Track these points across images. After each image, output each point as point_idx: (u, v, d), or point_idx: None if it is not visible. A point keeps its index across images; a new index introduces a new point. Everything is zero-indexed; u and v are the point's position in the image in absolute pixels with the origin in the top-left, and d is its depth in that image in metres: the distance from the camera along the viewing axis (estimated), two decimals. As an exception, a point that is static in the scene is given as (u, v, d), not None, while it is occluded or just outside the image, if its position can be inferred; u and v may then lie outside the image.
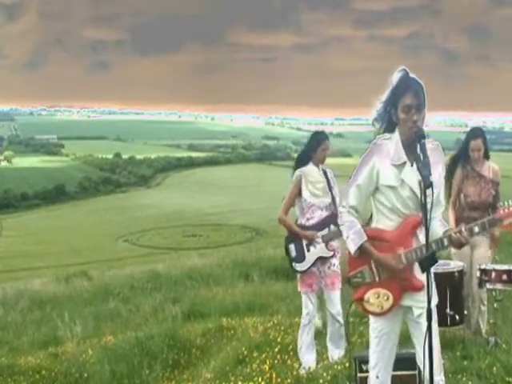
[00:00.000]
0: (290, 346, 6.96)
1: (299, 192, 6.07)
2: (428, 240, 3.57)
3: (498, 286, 5.99)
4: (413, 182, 3.66)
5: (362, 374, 4.93)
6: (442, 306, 5.79)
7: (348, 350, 6.03)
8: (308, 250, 6.01)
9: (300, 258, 6.03)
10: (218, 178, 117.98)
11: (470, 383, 5.12)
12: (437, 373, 3.65)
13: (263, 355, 6.92)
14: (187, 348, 8.61)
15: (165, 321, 10.47)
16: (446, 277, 5.90)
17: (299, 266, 6.05)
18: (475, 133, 6.34)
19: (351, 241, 3.76)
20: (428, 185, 3.53)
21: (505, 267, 6.02)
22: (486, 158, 6.34)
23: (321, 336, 6.35)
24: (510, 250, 10.32)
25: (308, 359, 6.13)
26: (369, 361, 3.94)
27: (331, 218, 5.96)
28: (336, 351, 6.17)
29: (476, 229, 3.68)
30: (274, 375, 6.10)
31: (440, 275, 5.72)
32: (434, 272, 3.90)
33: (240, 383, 6.30)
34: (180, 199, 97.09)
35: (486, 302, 6.32)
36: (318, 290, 6.12)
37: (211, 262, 17.12)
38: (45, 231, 79.43)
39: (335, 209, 6.01)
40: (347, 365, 5.67)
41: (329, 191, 6.06)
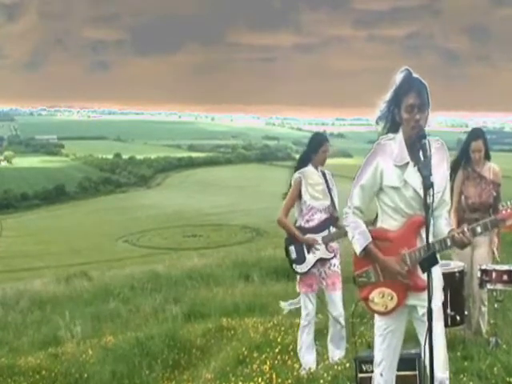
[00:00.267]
0: (291, 347, 6.95)
1: (299, 194, 6.06)
2: (429, 240, 3.57)
3: (499, 287, 5.99)
4: (416, 182, 3.66)
5: (362, 375, 4.94)
6: (442, 306, 5.78)
7: (349, 351, 6.03)
8: (308, 251, 6.00)
9: (300, 259, 6.02)
10: (219, 179, 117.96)
11: (471, 383, 5.12)
12: (442, 370, 3.66)
13: (263, 355, 6.91)
14: (187, 348, 8.61)
15: (165, 321, 10.47)
16: (446, 277, 5.80)
17: (299, 268, 6.04)
18: (476, 134, 6.32)
19: (356, 241, 3.77)
20: (428, 185, 3.53)
21: (505, 267, 6.02)
22: (487, 158, 6.33)
23: (321, 336, 6.33)
24: (511, 250, 10.30)
25: (308, 360, 6.13)
26: (374, 359, 3.94)
27: (330, 220, 5.99)
28: (337, 352, 6.16)
29: (479, 229, 3.69)
30: (275, 376, 6.09)
31: (440, 275, 5.72)
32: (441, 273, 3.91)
33: (240, 383, 6.29)
34: (180, 199, 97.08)
35: (486, 303, 6.31)
36: (318, 290, 6.11)
37: (211, 263, 17.12)
38: (45, 231, 79.42)
39: (334, 211, 6.01)
40: (347, 365, 5.68)
41: (328, 193, 6.05)
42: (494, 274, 5.96)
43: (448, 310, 5.86)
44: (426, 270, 3.57)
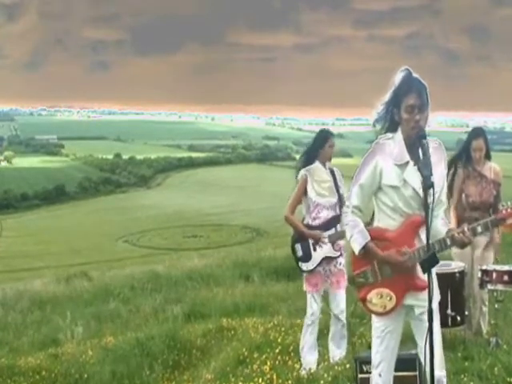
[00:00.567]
0: (291, 347, 6.95)
1: (305, 191, 6.05)
2: (429, 240, 3.56)
3: (499, 287, 5.98)
4: (415, 181, 3.66)
5: (362, 375, 4.93)
6: (442, 306, 5.76)
7: (349, 351, 6.02)
8: (314, 249, 5.98)
9: (306, 257, 6.01)
10: (219, 179, 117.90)
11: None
12: (440, 368, 3.67)
13: (264, 356, 6.91)
14: (187, 349, 8.61)
15: (165, 321, 10.46)
16: (447, 277, 5.89)
17: (305, 266, 6.03)
18: (477, 132, 6.31)
19: (355, 240, 3.76)
20: (429, 185, 3.53)
21: (506, 268, 6.01)
22: (488, 158, 6.32)
23: (322, 336, 6.32)
24: (511, 251, 10.30)
25: (309, 360, 6.11)
26: (371, 360, 3.93)
27: (337, 218, 5.88)
28: (337, 351, 6.14)
29: (479, 229, 3.69)
30: (275, 376, 6.09)
31: (441, 276, 5.68)
32: (436, 272, 3.89)
33: (240, 384, 6.29)
34: (180, 200, 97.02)
35: (487, 303, 6.31)
36: (323, 289, 6.08)
37: (211, 263, 17.11)
38: (45, 231, 79.38)
39: (342, 209, 5.98)
40: (348, 366, 5.67)
41: (335, 191, 6.01)
42: (494, 275, 5.95)
43: (448, 311, 5.86)
44: (426, 270, 3.57)
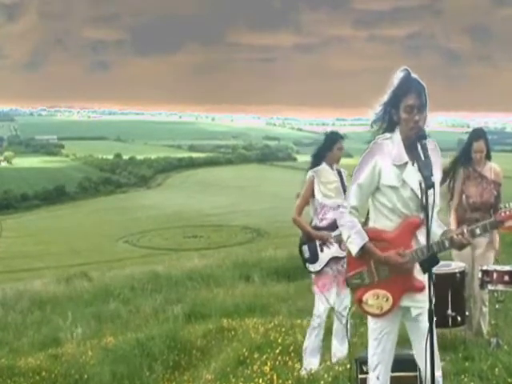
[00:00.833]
0: (291, 348, 6.95)
1: (312, 192, 6.06)
2: (429, 241, 3.56)
3: (500, 287, 5.97)
4: (414, 182, 3.65)
5: (362, 376, 4.92)
6: (443, 307, 5.78)
7: (349, 351, 6.00)
8: (321, 250, 6.00)
9: (313, 258, 6.02)
10: (219, 179, 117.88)
11: (472, 384, 5.11)
12: (436, 369, 3.66)
13: (264, 356, 6.90)
14: (188, 349, 8.60)
15: (165, 322, 10.47)
16: (447, 278, 5.89)
17: (312, 267, 6.04)
18: (478, 134, 6.30)
19: (353, 241, 3.74)
20: (430, 185, 3.53)
21: (506, 268, 6.00)
22: (488, 158, 6.32)
23: (325, 337, 6.28)
24: (511, 251, 10.29)
25: (312, 362, 6.10)
26: (368, 362, 3.92)
27: None
28: (340, 349, 6.13)
29: (477, 231, 3.68)
30: (275, 376, 6.08)
31: (441, 276, 5.71)
32: (436, 273, 3.88)
33: (241, 384, 6.29)
34: (180, 200, 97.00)
35: (487, 303, 6.30)
36: (331, 290, 6.07)
37: (212, 263, 17.13)
38: (45, 232, 79.35)
39: None
40: (348, 366, 5.66)
41: (342, 192, 6.01)
42: (494, 275, 5.94)
43: (449, 311, 5.86)
44: (426, 270, 3.56)
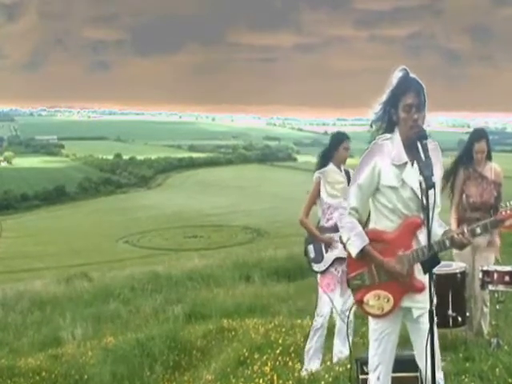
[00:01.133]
0: (292, 348, 6.94)
1: (319, 193, 6.06)
2: (430, 241, 3.55)
3: (501, 288, 5.95)
4: (414, 182, 3.64)
5: (363, 376, 4.90)
6: (444, 307, 5.77)
7: (350, 352, 5.99)
8: (326, 250, 6.01)
9: (318, 258, 6.04)
10: (219, 179, 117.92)
11: (473, 384, 5.10)
12: (437, 370, 3.66)
13: (264, 357, 6.90)
14: (188, 349, 8.60)
15: (165, 322, 10.46)
16: (448, 278, 5.87)
17: (317, 267, 6.05)
18: (479, 134, 6.29)
19: (352, 243, 3.73)
20: (430, 185, 3.52)
21: (507, 268, 5.99)
22: (489, 158, 6.31)
23: (326, 338, 6.27)
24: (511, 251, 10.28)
25: (313, 363, 6.09)
26: (369, 363, 3.91)
27: None
28: (341, 350, 6.11)
29: (478, 230, 3.67)
30: (275, 377, 6.08)
31: (442, 276, 5.69)
32: (436, 273, 3.88)
33: (241, 384, 6.28)
34: (181, 200, 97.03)
35: (488, 304, 6.28)
36: (336, 290, 6.07)
37: (212, 263, 17.14)
38: (45, 232, 79.36)
39: None
40: (348, 366, 5.65)
41: None
42: (495, 275, 5.93)
43: (449, 311, 5.84)
44: (427, 270, 3.56)
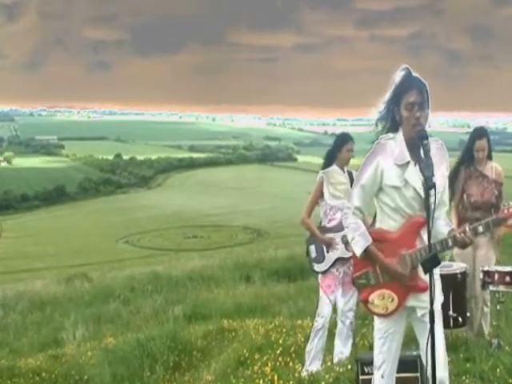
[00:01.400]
0: (292, 348, 6.93)
1: (321, 194, 6.06)
2: (431, 241, 3.54)
3: (501, 288, 5.94)
4: (416, 182, 3.64)
5: (364, 377, 4.89)
6: (444, 307, 5.73)
7: (353, 352, 5.99)
8: (328, 251, 6.01)
9: (320, 258, 6.04)
10: (219, 179, 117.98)
11: (473, 385, 5.09)
12: (442, 370, 3.65)
13: (265, 357, 6.89)
14: (188, 350, 8.58)
15: (166, 322, 10.43)
16: (448, 278, 5.85)
17: (318, 267, 6.05)
18: (480, 132, 6.29)
19: (356, 243, 3.73)
20: (430, 186, 3.52)
21: (508, 269, 5.97)
22: (489, 158, 6.30)
23: (328, 339, 6.27)
24: (512, 252, 10.27)
25: (314, 364, 6.08)
26: (374, 361, 3.91)
27: None
28: (343, 350, 6.11)
29: (480, 228, 3.66)
30: (276, 377, 6.06)
31: (443, 277, 5.64)
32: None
33: (241, 385, 6.27)
34: (181, 200, 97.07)
35: (489, 304, 6.27)
36: (337, 291, 6.06)
37: (212, 264, 17.13)
38: (45, 232, 79.40)
39: None
40: (349, 367, 5.65)
41: None
42: (496, 276, 5.92)
43: (450, 312, 5.83)
44: (428, 270, 3.55)
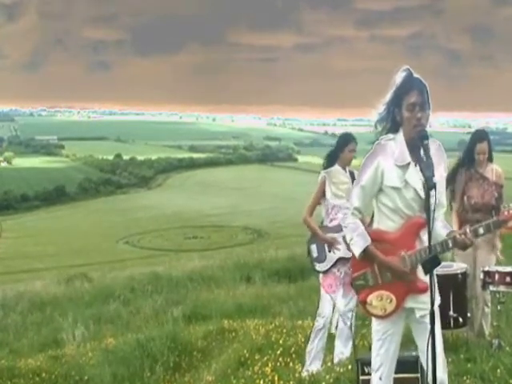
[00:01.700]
0: (292, 349, 6.93)
1: (323, 193, 6.06)
2: (431, 242, 3.54)
3: (502, 288, 5.94)
4: (417, 183, 3.64)
5: (364, 377, 4.89)
6: (445, 308, 5.75)
7: (353, 353, 5.99)
8: (329, 250, 6.01)
9: (321, 258, 6.04)
10: (219, 179, 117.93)
11: (474, 386, 5.09)
12: (441, 371, 3.65)
13: (265, 358, 6.89)
14: (188, 350, 8.58)
15: (166, 323, 10.44)
16: (449, 279, 5.86)
17: (319, 267, 6.05)
18: (481, 135, 6.28)
19: (355, 243, 3.73)
20: (431, 186, 3.52)
21: (508, 269, 5.97)
22: (490, 160, 6.30)
23: (328, 339, 6.27)
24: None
25: (315, 364, 6.08)
26: (371, 363, 3.90)
27: None
28: (344, 350, 6.10)
29: (481, 230, 3.67)
30: (276, 378, 6.07)
31: (443, 277, 5.68)
32: (438, 274, 3.86)
33: (241, 386, 6.27)
34: (181, 200, 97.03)
35: (489, 304, 6.27)
36: (337, 292, 6.06)
37: (212, 264, 17.13)
38: (45, 232, 79.38)
39: None
40: (350, 367, 5.64)
41: None
42: (496, 276, 5.92)
43: (451, 312, 5.83)
44: (428, 271, 3.55)
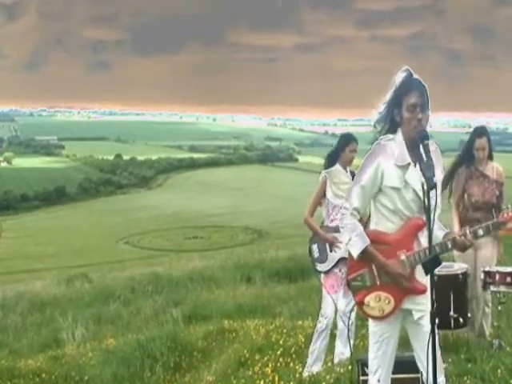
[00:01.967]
0: (293, 349, 6.93)
1: (324, 193, 6.06)
2: (431, 242, 3.53)
3: (502, 288, 5.93)
4: (416, 184, 3.63)
5: (364, 377, 4.89)
6: (445, 308, 5.75)
7: (352, 353, 5.98)
8: (331, 250, 6.00)
9: (322, 258, 6.04)
10: (220, 180, 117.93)
11: (474, 386, 5.09)
12: (438, 373, 3.63)
13: (265, 358, 6.90)
14: (189, 351, 8.58)
15: (166, 323, 10.45)
16: (449, 279, 5.85)
17: (321, 267, 6.05)
18: (480, 131, 6.27)
19: (353, 244, 3.71)
20: (432, 186, 3.51)
21: (509, 269, 5.96)
22: (490, 158, 6.29)
23: (329, 340, 6.25)
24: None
25: (316, 365, 6.08)
26: (369, 366, 3.89)
27: None
28: (344, 351, 6.09)
29: (480, 232, 3.67)
30: (277, 378, 6.07)
31: (444, 277, 5.68)
32: (438, 274, 3.86)
33: (242, 386, 6.27)
34: (181, 200, 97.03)
35: (490, 305, 6.26)
36: (339, 292, 6.05)
37: (213, 264, 17.12)
38: (45, 233, 79.38)
39: None
40: (350, 368, 5.64)
41: None
42: (497, 276, 5.91)
43: (451, 312, 5.82)
44: (429, 272, 3.54)
